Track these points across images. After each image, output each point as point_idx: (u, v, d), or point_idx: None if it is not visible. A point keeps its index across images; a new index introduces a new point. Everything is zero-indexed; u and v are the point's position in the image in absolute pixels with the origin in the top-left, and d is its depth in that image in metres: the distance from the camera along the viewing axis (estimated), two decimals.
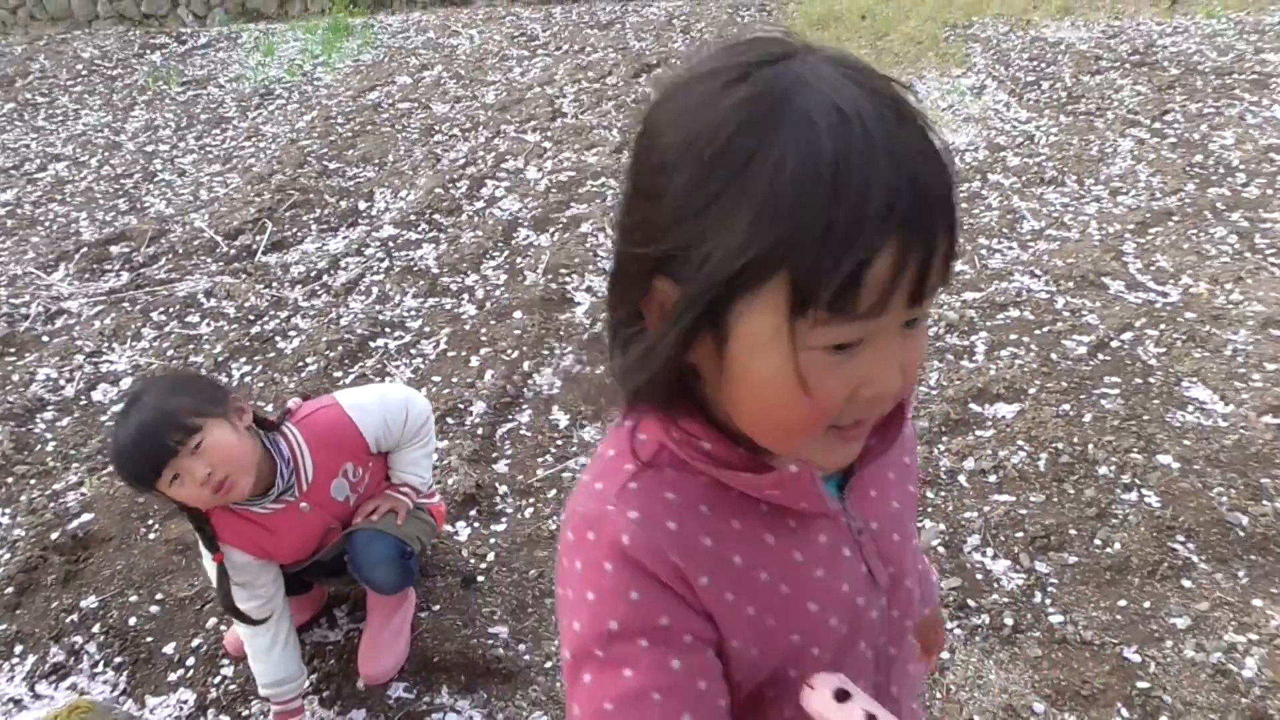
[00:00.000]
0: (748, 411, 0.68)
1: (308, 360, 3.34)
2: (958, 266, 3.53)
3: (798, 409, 0.64)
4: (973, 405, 2.77)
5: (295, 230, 4.33)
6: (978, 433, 2.66)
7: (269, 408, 3.05)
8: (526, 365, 3.17)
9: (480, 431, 2.88)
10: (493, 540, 2.50)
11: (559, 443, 2.81)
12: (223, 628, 2.34)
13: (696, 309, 0.62)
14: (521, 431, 2.88)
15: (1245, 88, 5.22)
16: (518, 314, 3.46)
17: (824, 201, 0.57)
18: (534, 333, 3.32)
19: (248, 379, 3.31)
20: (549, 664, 2.15)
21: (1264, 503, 2.34)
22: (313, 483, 1.99)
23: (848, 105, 0.58)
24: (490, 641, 2.21)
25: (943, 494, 2.47)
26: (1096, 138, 4.67)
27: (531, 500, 2.61)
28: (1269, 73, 5.41)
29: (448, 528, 2.52)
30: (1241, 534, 2.27)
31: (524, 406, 2.99)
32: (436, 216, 4.31)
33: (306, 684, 2.14)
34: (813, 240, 0.57)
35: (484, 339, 3.34)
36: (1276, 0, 6.74)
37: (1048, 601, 2.14)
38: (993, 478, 2.50)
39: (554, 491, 2.63)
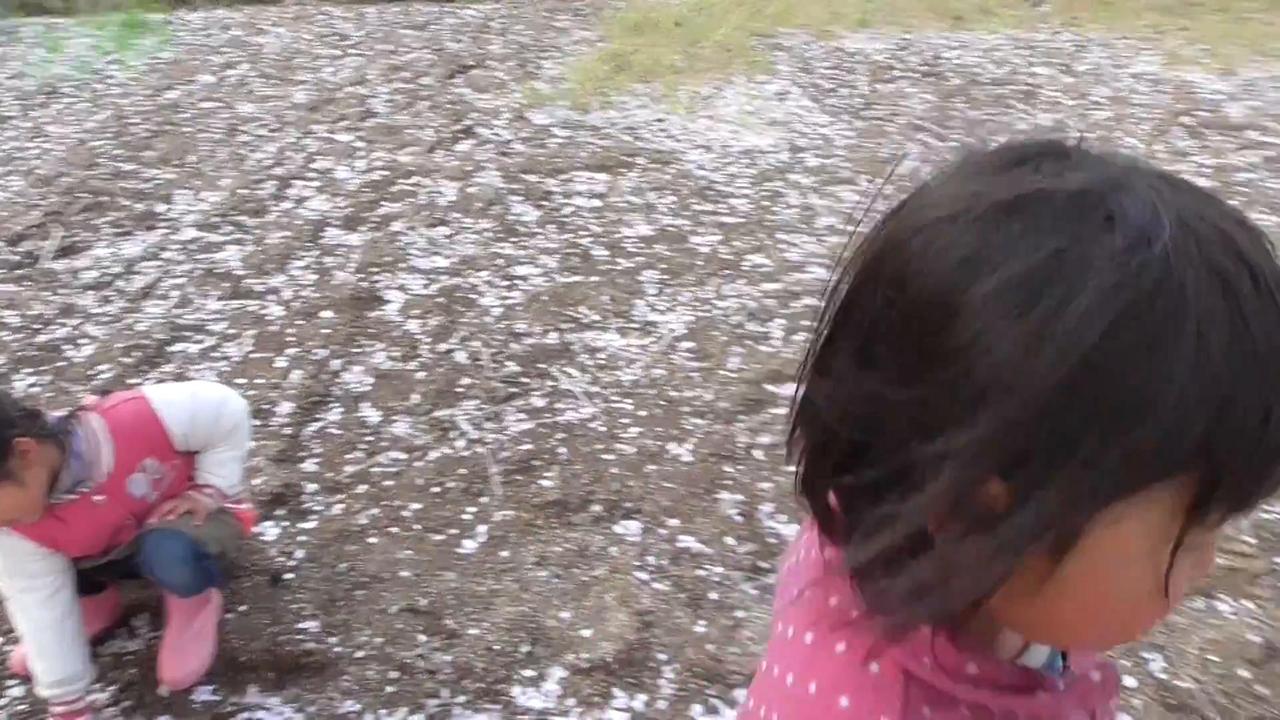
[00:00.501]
0: (1074, 621, 0.54)
1: (101, 368, 3.19)
2: (758, 260, 3.75)
3: (1151, 613, 0.54)
4: (768, 386, 2.94)
5: (86, 234, 4.10)
6: (773, 410, 2.83)
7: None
8: (336, 364, 3.14)
9: (287, 431, 2.83)
10: (301, 538, 2.47)
11: (369, 439, 2.80)
12: (8, 649, 2.22)
13: (1072, 520, 0.48)
14: (330, 430, 2.85)
15: (1018, 98, 5.72)
16: (327, 313, 3.41)
17: (1264, 386, 0.47)
18: (344, 331, 3.29)
19: (35, 389, 3.12)
20: (360, 654, 2.15)
21: None
22: (110, 475, 1.93)
23: (1254, 261, 0.48)
24: (300, 636, 2.19)
25: (740, 468, 2.61)
26: (887, 141, 5.02)
27: (341, 496, 2.60)
28: (1038, 84, 5.95)
29: (254, 529, 2.47)
30: None
31: (332, 405, 2.95)
32: (241, 218, 4.18)
33: (94, 698, 2.06)
34: (1250, 431, 0.47)
35: (291, 339, 3.28)
36: (1048, 20, 7.42)
37: None
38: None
39: (364, 487, 2.62)
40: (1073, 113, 5.49)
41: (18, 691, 2.13)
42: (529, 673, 2.08)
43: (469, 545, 2.42)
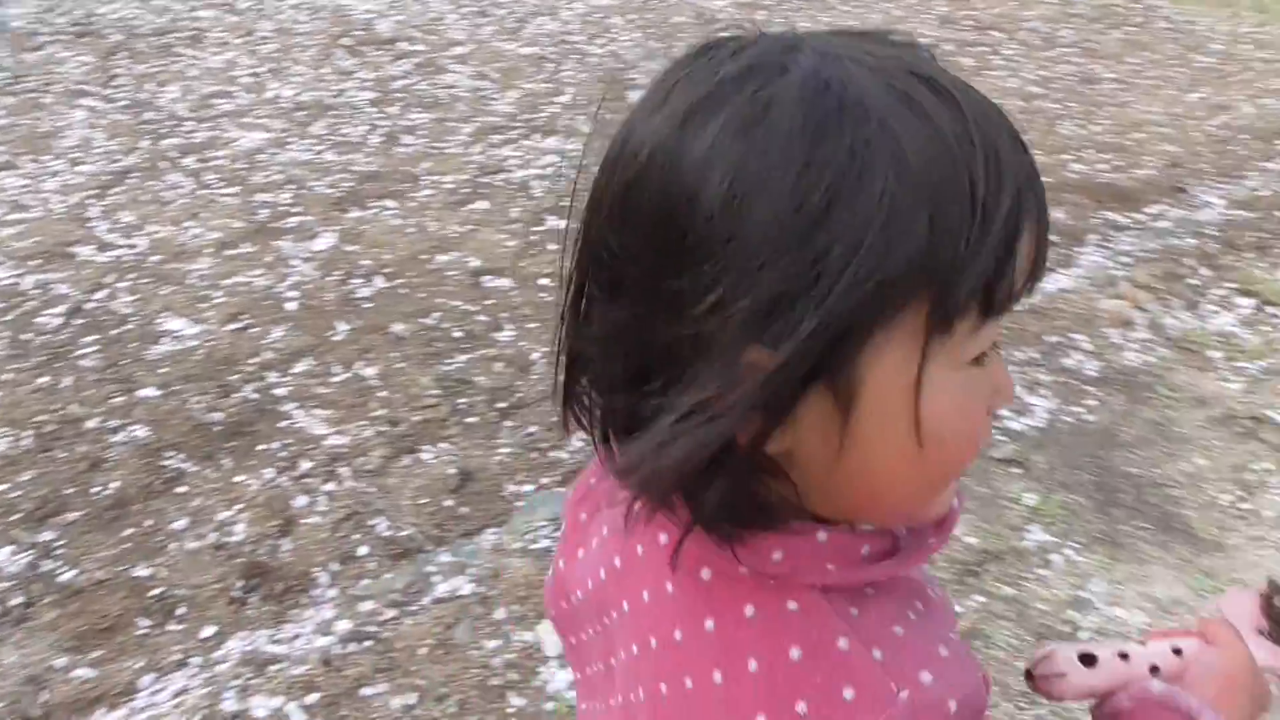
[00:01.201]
0: (885, 482, 0.54)
1: None
2: None
3: (957, 450, 0.54)
4: None
5: None
6: None
7: None
8: None
9: None
10: None
11: None
12: None
13: (831, 360, 0.48)
14: None
15: (185, 44, 5.61)
16: None
17: (965, 177, 0.48)
18: None
19: None
20: None
21: (233, 395, 2.69)
22: None
23: (926, 72, 0.50)
24: None
25: None
26: (47, 114, 4.60)
27: None
28: (204, 27, 5.89)
29: None
30: (220, 429, 2.58)
31: None
32: None
33: None
34: (964, 225, 0.47)
35: None
36: None
37: (58, 564, 2.18)
38: None
39: None
40: (243, 49, 5.58)
41: None
42: None
43: None
